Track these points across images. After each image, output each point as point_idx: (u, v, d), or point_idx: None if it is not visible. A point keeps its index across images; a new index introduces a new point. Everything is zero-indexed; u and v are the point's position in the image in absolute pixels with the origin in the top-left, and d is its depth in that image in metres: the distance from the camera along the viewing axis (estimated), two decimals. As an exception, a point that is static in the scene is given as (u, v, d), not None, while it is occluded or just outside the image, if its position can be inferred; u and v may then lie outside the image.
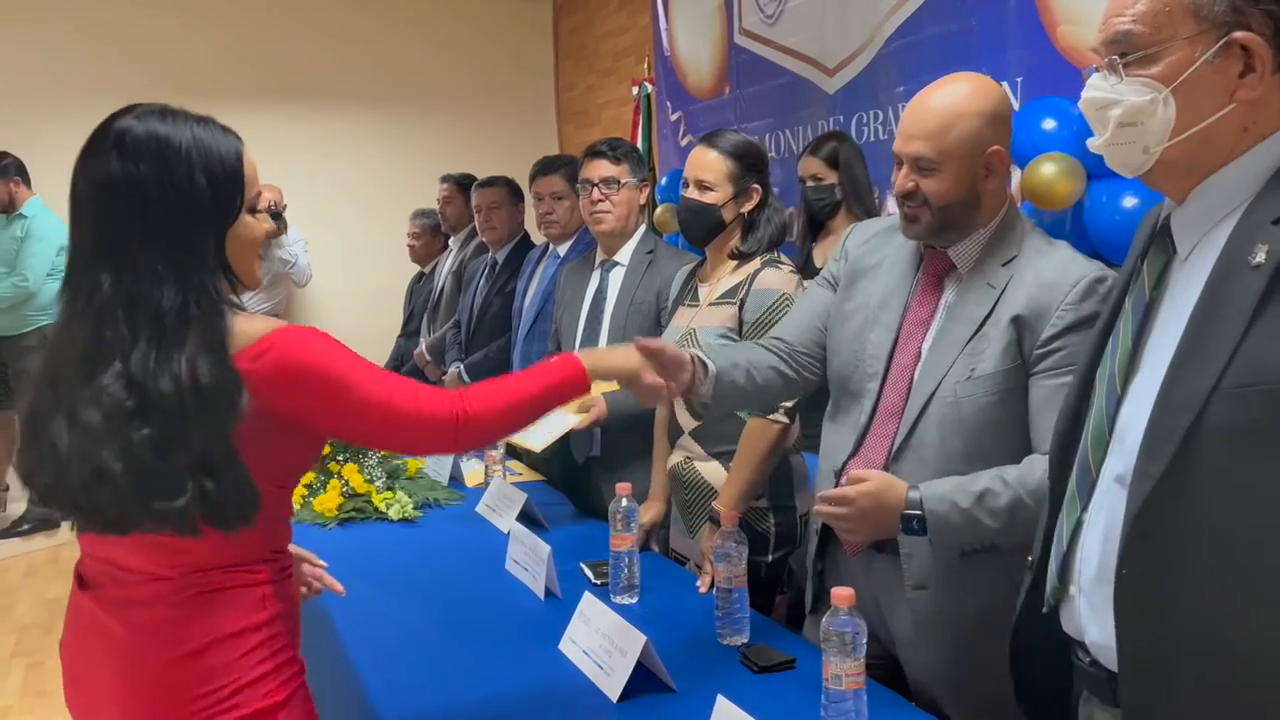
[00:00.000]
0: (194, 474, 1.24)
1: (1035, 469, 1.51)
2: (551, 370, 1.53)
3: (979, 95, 1.63)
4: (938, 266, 1.72)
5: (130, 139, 1.27)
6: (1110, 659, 1.17)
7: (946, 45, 3.07)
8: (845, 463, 1.74)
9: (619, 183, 2.68)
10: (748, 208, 2.25)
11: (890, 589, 1.70)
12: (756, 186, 2.25)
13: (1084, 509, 1.22)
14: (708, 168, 2.24)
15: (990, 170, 1.63)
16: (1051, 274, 1.59)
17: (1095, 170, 2.50)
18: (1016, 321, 1.59)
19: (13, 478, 5.51)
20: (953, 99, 1.63)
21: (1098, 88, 1.19)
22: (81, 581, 1.39)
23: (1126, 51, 1.16)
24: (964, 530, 1.56)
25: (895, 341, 1.72)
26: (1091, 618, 1.20)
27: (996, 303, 1.62)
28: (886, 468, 1.66)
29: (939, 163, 1.61)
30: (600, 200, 2.68)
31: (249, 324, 1.31)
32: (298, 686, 1.39)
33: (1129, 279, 1.26)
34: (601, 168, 2.69)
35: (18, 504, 5.39)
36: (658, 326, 2.54)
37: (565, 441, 2.79)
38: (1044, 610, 1.29)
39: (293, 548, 1.51)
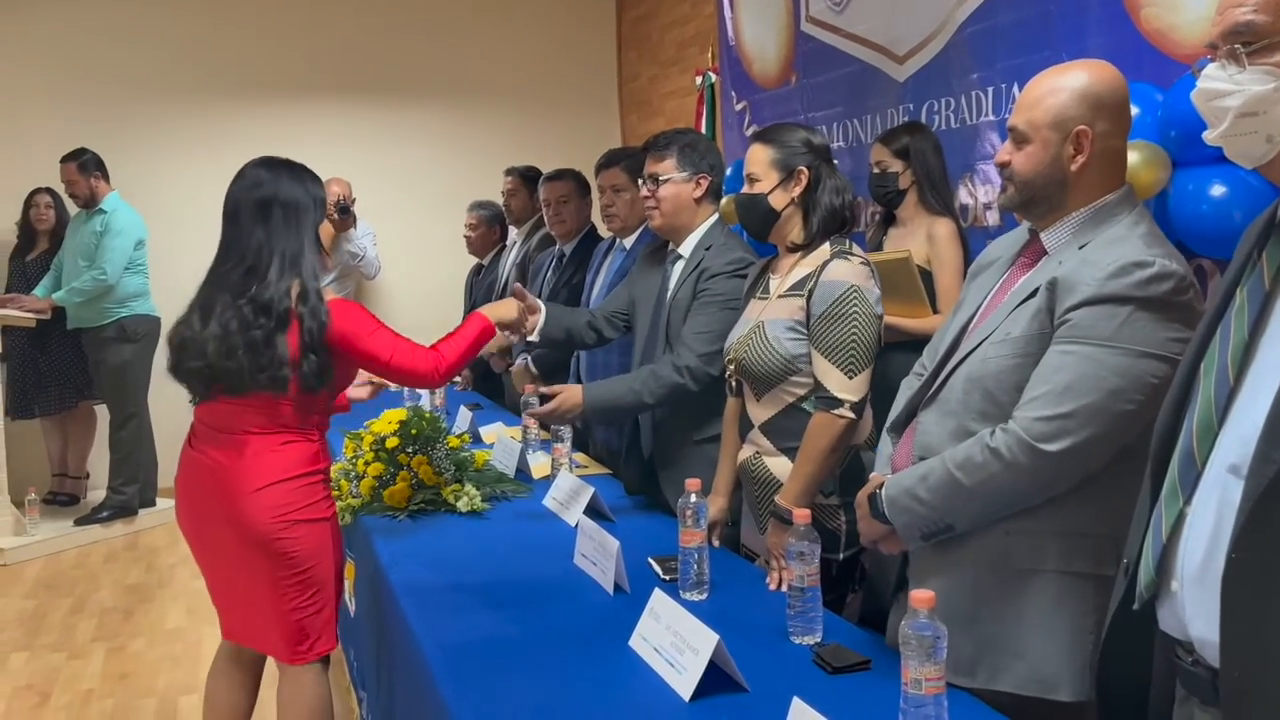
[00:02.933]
0: (301, 354, 2.21)
1: (967, 445, 1.60)
2: (476, 323, 2.48)
3: (1080, 74, 1.63)
4: (1033, 252, 1.72)
5: (276, 168, 2.33)
6: (1213, 655, 1.15)
7: (1023, 30, 3.00)
8: (896, 418, 1.84)
9: (658, 179, 2.65)
10: (796, 192, 2.21)
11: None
12: (802, 170, 2.20)
13: (1186, 501, 1.20)
14: (753, 160, 2.25)
15: (1078, 150, 1.61)
16: (1100, 253, 1.57)
17: (1180, 158, 2.42)
18: (1051, 287, 1.58)
19: (93, 465, 5.68)
20: (1056, 75, 1.65)
21: (1215, 78, 1.18)
22: (192, 442, 2.36)
23: (1250, 41, 1.14)
24: (913, 510, 1.64)
25: (973, 316, 1.77)
26: (1195, 612, 1.18)
27: (1051, 276, 1.61)
28: (915, 415, 1.76)
29: (1027, 134, 1.64)
30: (648, 197, 2.70)
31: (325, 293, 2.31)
32: (334, 511, 2.38)
33: (1239, 272, 1.23)
34: (648, 164, 2.70)
35: (97, 492, 5.54)
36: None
37: (635, 438, 2.79)
38: (1135, 607, 1.26)
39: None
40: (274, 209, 2.26)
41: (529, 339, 2.75)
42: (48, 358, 5.38)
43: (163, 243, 5.39)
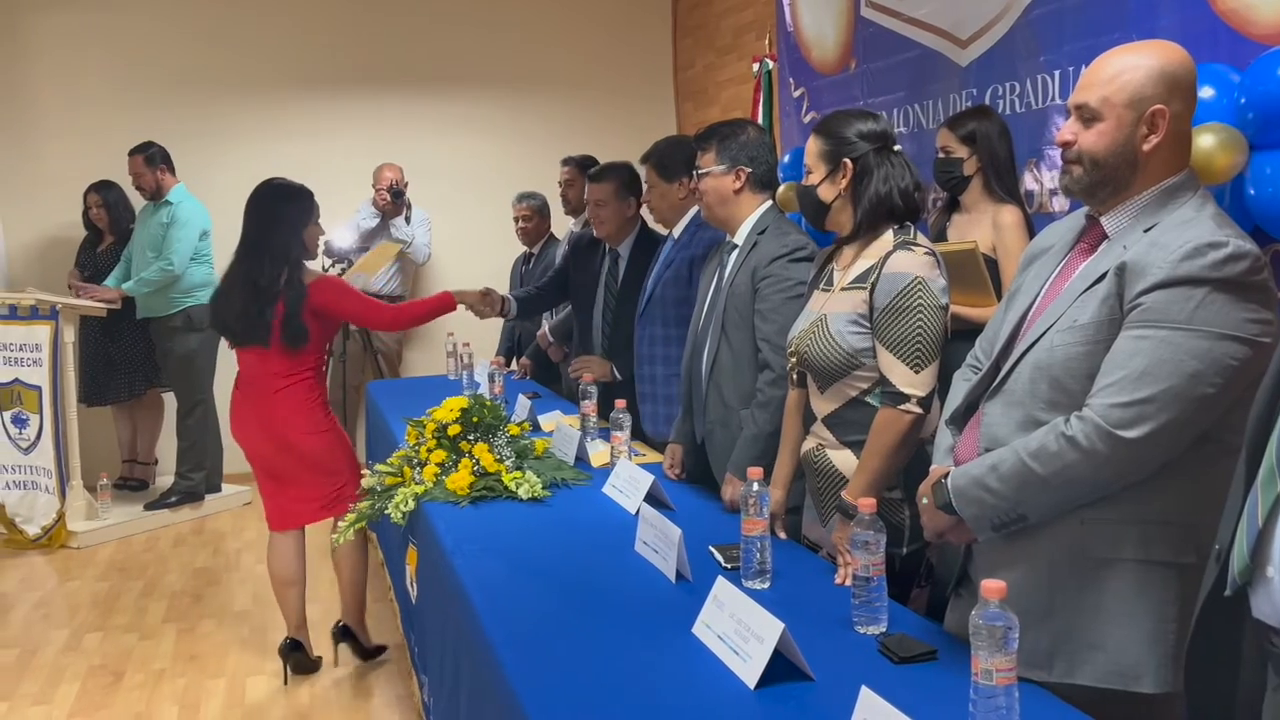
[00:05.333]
0: (283, 322, 3.19)
1: (1040, 433, 1.58)
2: (440, 298, 3.62)
3: (1155, 53, 1.61)
4: (1093, 237, 1.68)
5: (273, 191, 3.34)
6: None
7: (1093, 11, 2.92)
8: (955, 410, 1.82)
9: (697, 172, 2.71)
10: (843, 184, 2.18)
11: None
12: (847, 162, 2.17)
13: None
14: (808, 151, 2.25)
15: (1152, 130, 1.58)
16: (1170, 235, 1.53)
17: (1257, 141, 2.35)
18: (1120, 272, 1.55)
19: (161, 451, 5.82)
20: (1128, 53, 1.62)
21: None
22: (238, 385, 3.38)
23: None
24: (983, 501, 1.62)
25: (1032, 304, 1.74)
26: None
27: (1118, 260, 1.58)
28: (979, 405, 1.73)
29: (1100, 111, 1.60)
30: (695, 189, 2.76)
31: (308, 275, 3.30)
32: (334, 422, 3.43)
33: None
34: (697, 158, 2.74)
35: (166, 478, 5.67)
36: (750, 310, 2.56)
37: (689, 430, 2.78)
38: (1227, 593, 1.24)
39: None
40: (270, 216, 3.25)
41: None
42: (118, 346, 5.52)
43: (227, 233, 5.44)
